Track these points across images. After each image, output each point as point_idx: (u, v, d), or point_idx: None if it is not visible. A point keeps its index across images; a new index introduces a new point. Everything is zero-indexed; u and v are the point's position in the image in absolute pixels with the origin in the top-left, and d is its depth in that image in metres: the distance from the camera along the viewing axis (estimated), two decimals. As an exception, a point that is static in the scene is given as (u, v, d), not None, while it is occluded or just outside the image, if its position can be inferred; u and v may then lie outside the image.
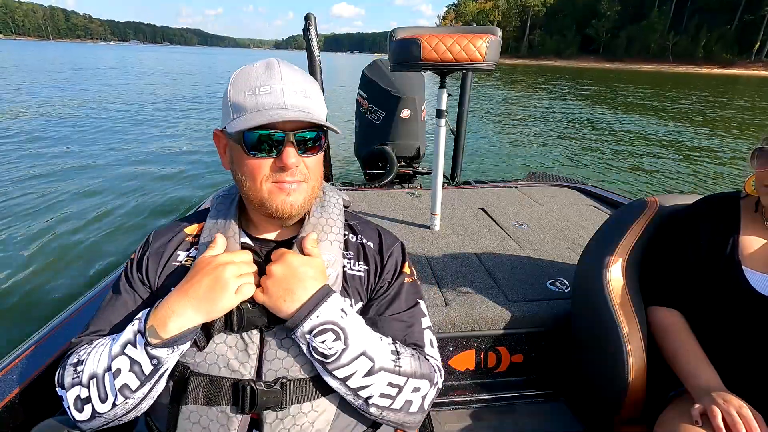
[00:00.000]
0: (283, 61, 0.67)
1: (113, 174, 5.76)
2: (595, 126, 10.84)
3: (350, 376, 0.64)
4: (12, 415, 0.83)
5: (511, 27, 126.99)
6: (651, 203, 1.12)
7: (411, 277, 0.81)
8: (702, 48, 74.55)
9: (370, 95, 3.27)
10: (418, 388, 0.69)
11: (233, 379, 0.64)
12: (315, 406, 0.66)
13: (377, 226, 0.85)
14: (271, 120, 0.61)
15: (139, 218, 4.38)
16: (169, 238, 0.76)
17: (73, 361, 0.66)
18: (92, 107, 11.26)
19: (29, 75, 19.74)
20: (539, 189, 2.64)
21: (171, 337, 0.60)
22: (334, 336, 0.62)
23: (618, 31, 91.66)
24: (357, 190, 2.61)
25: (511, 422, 1.23)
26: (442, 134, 1.80)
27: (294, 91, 0.65)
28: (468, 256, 1.68)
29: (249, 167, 0.65)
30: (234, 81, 0.66)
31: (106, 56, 52.88)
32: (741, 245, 0.93)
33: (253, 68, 0.66)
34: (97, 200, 4.77)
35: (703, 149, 8.55)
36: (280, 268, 0.64)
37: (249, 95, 0.63)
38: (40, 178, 5.36)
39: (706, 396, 0.81)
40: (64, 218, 4.24)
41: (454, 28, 1.73)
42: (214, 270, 0.62)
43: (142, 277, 0.73)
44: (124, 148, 7.24)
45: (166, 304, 0.62)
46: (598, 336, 1.07)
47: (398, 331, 0.73)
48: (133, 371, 0.61)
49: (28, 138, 7.35)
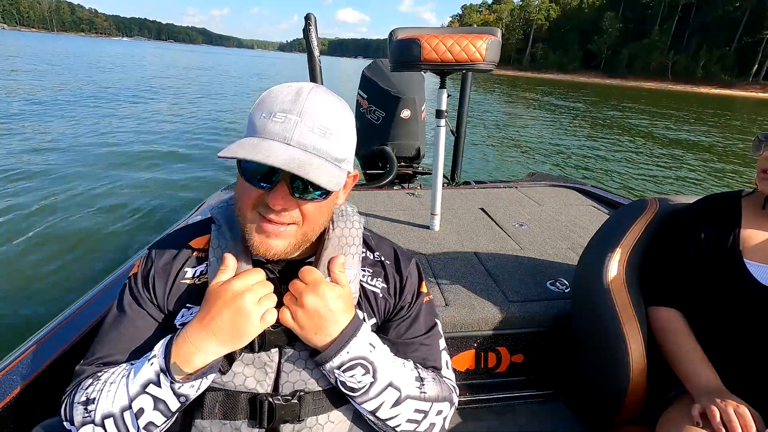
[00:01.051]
0: (321, 89, 0.60)
1: (126, 169, 5.75)
2: (596, 130, 10.91)
3: (379, 407, 0.64)
4: (12, 416, 0.83)
5: (514, 39, 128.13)
6: (651, 203, 1.13)
7: (428, 296, 0.79)
8: (701, 68, 75.50)
9: (370, 95, 3.28)
10: (441, 411, 0.70)
11: (250, 393, 0.63)
12: (331, 418, 0.66)
13: (389, 240, 0.83)
14: (249, 157, 0.53)
15: (140, 216, 4.36)
16: (173, 254, 0.71)
17: (82, 399, 0.61)
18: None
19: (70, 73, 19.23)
20: (539, 189, 2.64)
21: (197, 372, 0.58)
22: (363, 371, 0.62)
23: (620, 48, 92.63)
24: (357, 190, 2.61)
25: (511, 422, 1.23)
26: (442, 134, 1.80)
27: (310, 128, 0.57)
28: (468, 256, 1.68)
29: (240, 189, 0.62)
30: (263, 98, 0.60)
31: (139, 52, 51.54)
32: (743, 239, 0.93)
33: (285, 90, 0.59)
34: (97, 199, 4.74)
35: (703, 150, 8.61)
36: (314, 300, 0.60)
37: (263, 118, 0.57)
38: (52, 172, 5.33)
39: (705, 396, 0.81)
40: (64, 218, 4.22)
41: (454, 28, 1.74)
42: (232, 301, 0.58)
43: (151, 296, 0.68)
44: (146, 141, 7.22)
45: (187, 339, 0.58)
46: (598, 336, 1.07)
47: (418, 354, 0.73)
48: (158, 409, 0.58)
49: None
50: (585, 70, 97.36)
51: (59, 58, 23.02)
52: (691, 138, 11.57)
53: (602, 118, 12.80)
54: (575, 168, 7.17)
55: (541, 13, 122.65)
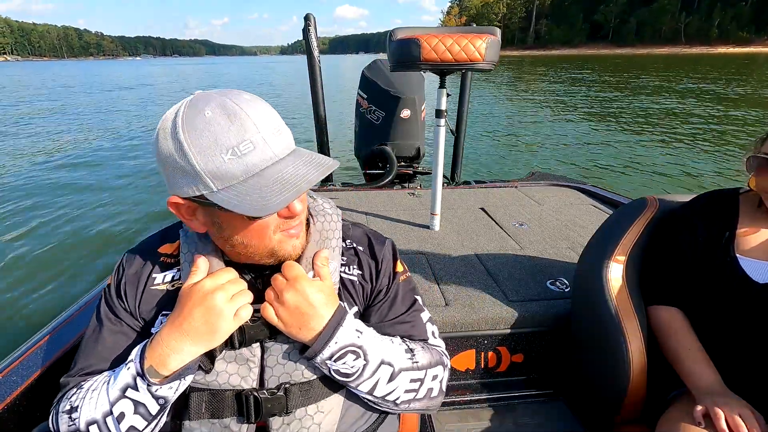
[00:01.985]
0: (237, 96, 0.56)
1: (122, 174, 5.88)
2: (599, 124, 10.65)
3: (375, 386, 0.65)
4: (12, 417, 0.83)
5: (517, 18, 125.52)
6: (651, 202, 1.12)
7: (404, 274, 0.80)
8: (716, 28, 72.33)
9: (370, 95, 3.27)
10: (436, 375, 0.72)
11: (236, 390, 0.63)
12: (321, 407, 0.66)
13: (363, 226, 0.83)
14: (286, 200, 0.53)
15: (143, 218, 4.42)
16: (143, 261, 0.71)
17: (66, 408, 0.62)
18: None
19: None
20: (539, 189, 2.63)
21: (173, 374, 0.58)
22: (354, 356, 0.63)
23: (627, 16, 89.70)
24: (357, 190, 2.61)
25: (511, 422, 1.23)
26: (442, 134, 1.80)
27: (272, 134, 0.55)
28: (468, 256, 1.68)
29: (254, 230, 0.60)
30: (192, 142, 0.52)
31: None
32: (738, 236, 0.93)
33: (210, 119, 0.53)
34: (101, 202, 4.84)
35: (713, 142, 8.29)
36: (294, 296, 0.60)
37: (230, 159, 0.53)
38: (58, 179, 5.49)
39: (708, 397, 0.81)
40: (65, 216, 4.30)
41: (453, 28, 1.73)
42: (203, 300, 0.58)
43: (124, 304, 0.69)
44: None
45: (161, 341, 0.58)
46: (598, 336, 1.06)
47: (403, 332, 0.74)
48: (139, 413, 0.59)
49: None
50: (592, 42, 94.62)
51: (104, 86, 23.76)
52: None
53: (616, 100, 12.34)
54: (575, 168, 7.00)
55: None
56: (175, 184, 0.56)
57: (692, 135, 8.69)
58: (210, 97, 0.55)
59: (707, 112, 11.20)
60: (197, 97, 0.56)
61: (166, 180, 0.58)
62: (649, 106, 12.82)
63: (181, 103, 0.56)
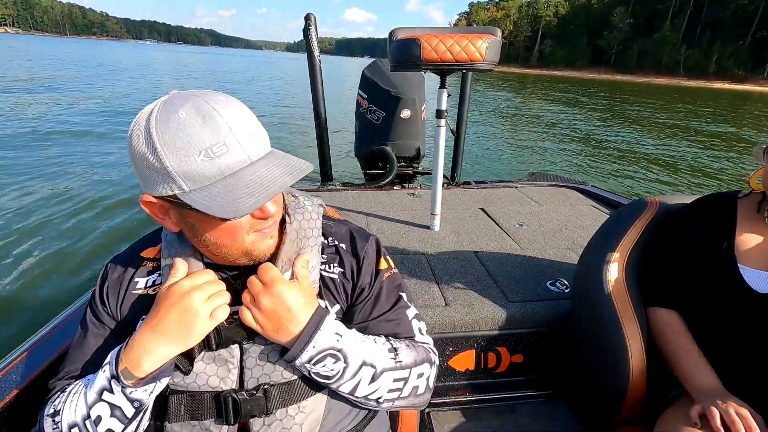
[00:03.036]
0: (212, 97, 0.56)
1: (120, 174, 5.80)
2: (596, 130, 10.78)
3: (356, 387, 0.64)
4: (11, 416, 0.83)
5: (523, 36, 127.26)
6: (651, 203, 1.12)
7: (389, 271, 0.78)
8: (714, 63, 74.13)
9: (370, 95, 3.28)
10: (422, 373, 0.71)
11: (214, 391, 0.63)
12: (302, 408, 0.65)
13: (347, 223, 0.82)
14: (260, 201, 0.53)
15: (138, 217, 4.39)
16: (125, 266, 0.71)
17: (50, 412, 0.62)
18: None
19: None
20: (539, 189, 2.64)
21: (148, 376, 0.57)
22: (333, 359, 0.62)
23: (630, 44, 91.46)
24: (357, 190, 2.61)
25: (511, 422, 1.23)
26: (442, 134, 1.80)
27: (246, 137, 0.55)
28: (468, 256, 1.68)
29: (227, 230, 0.59)
30: (164, 143, 0.52)
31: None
32: (737, 243, 0.92)
33: (184, 120, 0.53)
34: (104, 203, 4.78)
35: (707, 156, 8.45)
36: (269, 300, 0.60)
37: (203, 161, 0.53)
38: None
39: (705, 397, 0.81)
40: (65, 216, 4.24)
41: (454, 28, 1.73)
42: (180, 300, 0.58)
43: (107, 308, 0.69)
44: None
45: (136, 343, 0.58)
46: (598, 336, 1.06)
47: (387, 331, 0.73)
48: (115, 416, 0.58)
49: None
50: (594, 66, 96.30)
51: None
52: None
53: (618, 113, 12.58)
54: (576, 168, 7.08)
55: (549, 9, 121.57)
56: (147, 183, 0.56)
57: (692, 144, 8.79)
58: (185, 98, 0.55)
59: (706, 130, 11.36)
60: (173, 96, 0.56)
61: (139, 179, 0.58)
62: (649, 118, 12.95)
63: (155, 102, 0.56)
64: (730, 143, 10.48)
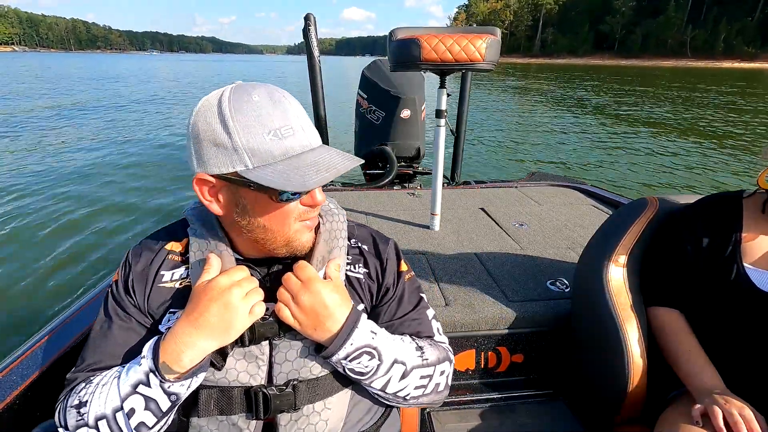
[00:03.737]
0: (276, 87, 0.61)
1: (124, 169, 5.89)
2: (598, 126, 10.66)
3: (387, 383, 0.66)
4: (12, 416, 0.83)
5: (523, 26, 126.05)
6: (651, 203, 1.12)
7: (409, 273, 0.81)
8: (722, 41, 72.47)
9: (370, 95, 3.29)
10: (444, 371, 0.74)
11: (244, 387, 0.64)
12: (328, 404, 0.66)
13: (366, 225, 0.85)
14: (332, 177, 0.56)
15: (140, 216, 4.42)
16: (150, 258, 0.71)
17: (74, 403, 0.62)
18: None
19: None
20: (539, 189, 2.63)
21: (188, 371, 0.58)
22: (369, 357, 0.64)
23: (633, 27, 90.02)
24: (357, 190, 2.62)
25: (511, 422, 1.23)
26: (442, 134, 1.80)
27: (309, 126, 0.61)
28: (468, 256, 1.68)
29: (278, 213, 0.61)
30: (236, 119, 0.55)
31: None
32: (743, 243, 0.92)
33: (257, 102, 0.57)
34: (98, 197, 4.82)
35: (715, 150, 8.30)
36: (309, 298, 0.61)
37: (271, 139, 0.56)
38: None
39: (707, 396, 0.80)
40: (64, 215, 4.28)
41: (454, 28, 1.73)
42: (220, 296, 0.59)
43: (133, 300, 0.68)
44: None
45: (175, 337, 0.58)
46: (598, 336, 1.06)
47: (411, 330, 0.76)
48: (150, 409, 0.59)
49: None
50: (597, 52, 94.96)
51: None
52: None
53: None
54: (575, 168, 6.99)
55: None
56: (206, 161, 0.58)
57: (699, 138, 8.68)
58: (256, 85, 0.59)
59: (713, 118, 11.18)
60: (242, 84, 0.60)
61: (195, 158, 0.60)
62: (652, 111, 12.84)
63: (224, 87, 0.59)
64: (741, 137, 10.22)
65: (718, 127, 10.51)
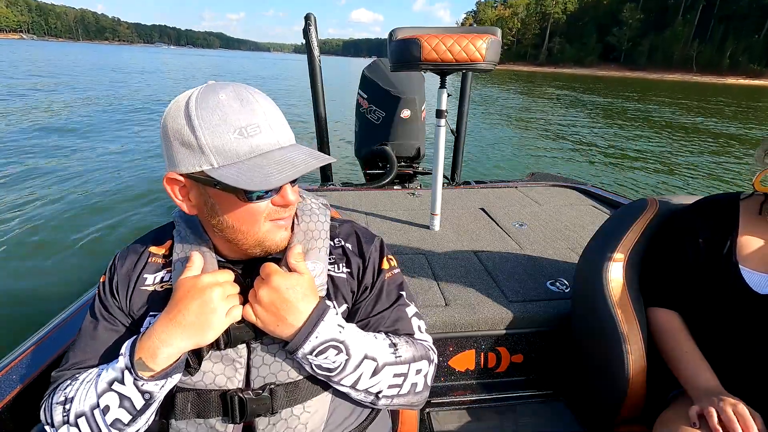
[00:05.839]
0: (250, 87, 0.60)
1: (123, 169, 5.86)
2: (598, 130, 10.66)
3: (357, 380, 0.65)
4: (12, 416, 0.83)
5: (531, 34, 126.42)
6: (651, 203, 1.12)
7: (392, 270, 0.79)
8: (728, 58, 72.69)
9: (370, 95, 3.27)
10: (420, 370, 0.71)
11: (221, 390, 0.63)
12: (307, 407, 0.66)
13: (353, 224, 0.83)
14: (285, 178, 0.55)
15: (140, 215, 4.41)
16: (134, 260, 0.72)
17: (60, 400, 0.62)
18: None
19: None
20: (539, 189, 2.63)
21: (162, 370, 0.58)
22: (335, 351, 0.62)
23: (640, 40, 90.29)
24: (357, 190, 2.62)
25: (511, 422, 1.23)
26: (442, 134, 1.80)
27: (279, 124, 0.60)
28: (468, 256, 1.68)
29: (246, 213, 0.61)
30: (202, 118, 0.55)
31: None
32: (739, 245, 0.92)
33: (223, 101, 0.56)
34: (96, 196, 4.80)
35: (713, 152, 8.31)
36: (267, 293, 0.60)
37: (236, 138, 0.55)
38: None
39: (704, 397, 0.81)
40: (64, 215, 4.26)
41: (454, 28, 1.73)
42: (201, 294, 0.58)
43: (117, 302, 0.69)
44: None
45: (152, 334, 0.58)
46: (598, 336, 1.06)
47: (388, 328, 0.74)
48: (124, 407, 0.59)
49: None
50: (603, 63, 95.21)
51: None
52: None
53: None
54: (575, 168, 6.98)
55: (557, 6, 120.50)
56: (176, 161, 0.59)
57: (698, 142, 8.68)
58: (225, 84, 0.59)
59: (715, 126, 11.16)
60: (213, 83, 0.60)
61: (166, 157, 0.60)
62: (655, 115, 12.83)
63: (196, 87, 0.59)
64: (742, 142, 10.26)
65: (720, 131, 10.54)
